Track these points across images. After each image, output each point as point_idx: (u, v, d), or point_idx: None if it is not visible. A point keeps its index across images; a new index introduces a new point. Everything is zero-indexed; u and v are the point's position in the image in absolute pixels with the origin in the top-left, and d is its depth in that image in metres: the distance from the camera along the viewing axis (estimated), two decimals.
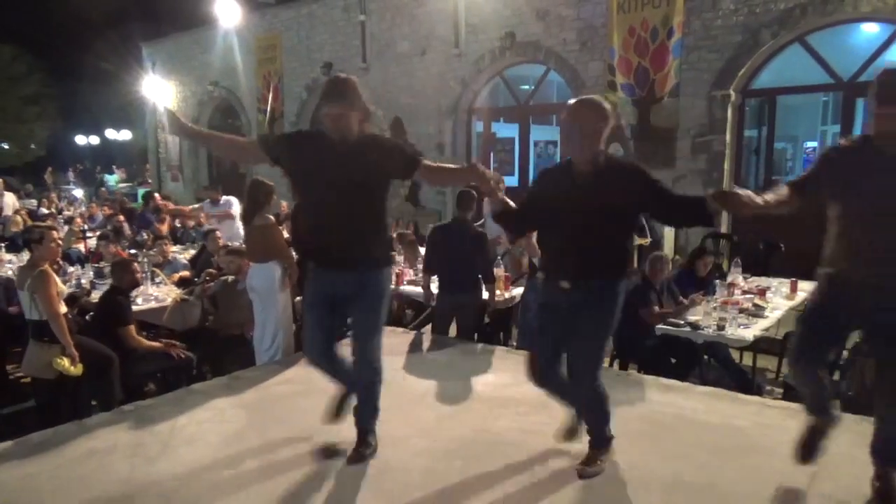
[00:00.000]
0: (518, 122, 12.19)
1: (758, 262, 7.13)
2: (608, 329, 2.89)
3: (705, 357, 5.01)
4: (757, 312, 5.04)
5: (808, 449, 2.79)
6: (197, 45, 17.50)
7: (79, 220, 11.42)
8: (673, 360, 4.92)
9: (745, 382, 4.90)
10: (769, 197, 2.67)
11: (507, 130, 12.67)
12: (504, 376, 4.32)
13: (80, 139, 34.24)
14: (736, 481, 2.94)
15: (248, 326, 5.24)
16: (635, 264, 5.92)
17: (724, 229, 8.63)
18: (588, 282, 2.81)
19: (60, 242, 5.00)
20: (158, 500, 2.83)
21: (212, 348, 5.37)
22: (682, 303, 5.22)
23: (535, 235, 5.36)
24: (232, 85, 16.53)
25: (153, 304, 5.69)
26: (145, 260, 6.72)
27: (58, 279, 4.55)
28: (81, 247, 8.83)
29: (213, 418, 3.73)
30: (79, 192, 17.37)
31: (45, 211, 13.50)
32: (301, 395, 3.97)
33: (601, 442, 3.06)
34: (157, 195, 12.07)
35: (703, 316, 4.81)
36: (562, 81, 10.97)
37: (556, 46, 10.48)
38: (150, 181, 20.27)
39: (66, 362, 4.26)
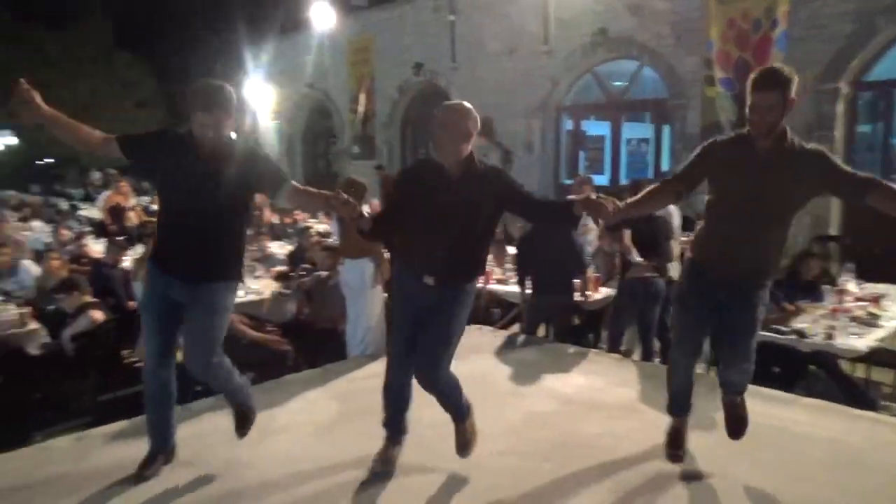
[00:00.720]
0: (609, 119, 11.91)
1: (874, 268, 6.63)
2: (459, 327, 2.95)
3: (812, 367, 4.72)
4: (871, 321, 4.71)
5: None
6: (294, 49, 18.16)
7: None
8: (776, 370, 4.67)
9: (857, 396, 4.58)
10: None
11: (597, 128, 12.41)
12: (595, 379, 4.24)
13: None
14: (838, 501, 2.76)
15: (340, 320, 5.39)
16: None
17: (832, 231, 8.11)
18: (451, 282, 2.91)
19: None
20: (257, 484, 2.96)
21: (306, 340, 5.57)
22: (785, 309, 4.94)
23: (628, 235, 5.26)
24: (326, 87, 17.06)
25: (253, 297, 5.97)
26: (246, 255, 7.04)
27: None
28: None
29: (306, 408, 3.87)
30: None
31: (155, 207, 14.41)
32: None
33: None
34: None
35: (809, 323, 4.54)
36: (656, 77, 10.64)
37: (650, 41, 10.17)
38: None
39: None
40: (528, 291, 5.43)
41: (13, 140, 31.86)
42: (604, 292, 5.88)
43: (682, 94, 9.94)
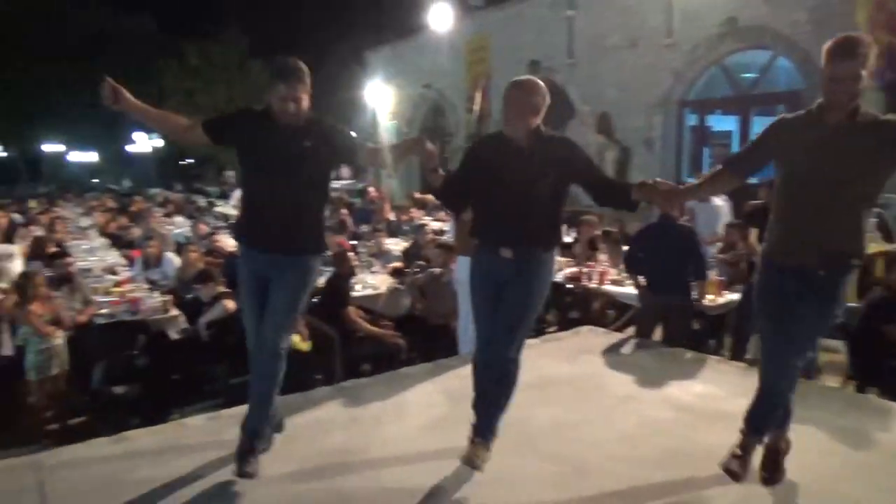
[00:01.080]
0: (738, 113, 11.25)
1: None
2: (535, 302, 2.95)
3: None
4: None
5: None
6: (412, 51, 18.59)
7: None
8: None
9: None
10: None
11: (723, 123, 11.77)
12: (715, 388, 4.02)
13: None
14: None
15: (452, 317, 5.47)
16: (878, 273, 5.17)
17: None
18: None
19: None
20: (369, 472, 3.06)
21: (419, 336, 5.70)
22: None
23: (754, 234, 4.94)
24: (443, 87, 17.33)
25: (369, 292, 6.18)
26: (364, 250, 7.32)
27: None
28: None
29: (419, 401, 3.95)
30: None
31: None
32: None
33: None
34: (370, 189, 13.10)
35: None
36: (791, 67, 9.92)
37: (784, 29, 9.50)
38: (370, 178, 21.96)
39: (297, 338, 4.80)
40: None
41: (160, 143, 34.88)
42: (728, 297, 5.57)
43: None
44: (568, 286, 6.69)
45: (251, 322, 3.03)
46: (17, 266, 7.29)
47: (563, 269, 6.96)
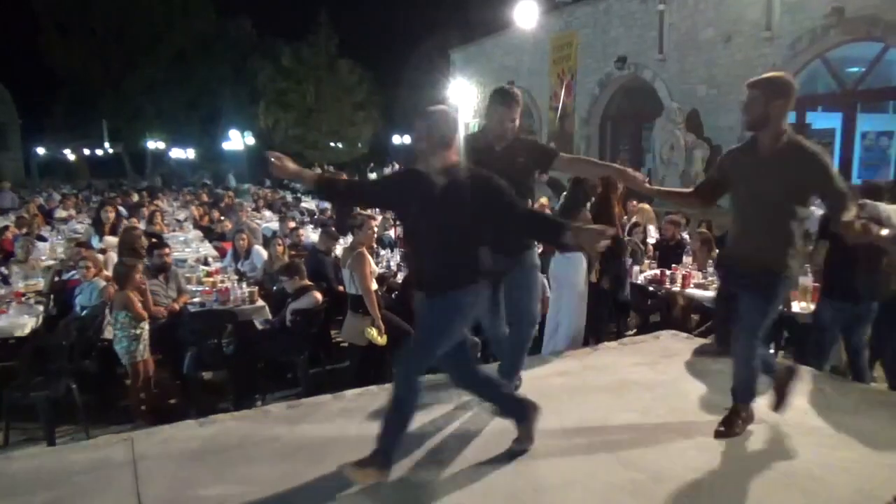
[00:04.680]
0: (842, 110, 10.57)
1: None
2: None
3: None
4: None
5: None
6: (497, 49, 18.55)
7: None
8: None
9: None
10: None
11: (825, 120, 11.08)
12: (802, 399, 3.79)
13: (396, 139, 38.81)
14: None
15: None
16: None
17: None
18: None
19: (376, 229, 5.74)
20: (440, 467, 3.07)
21: None
22: None
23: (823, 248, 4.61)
24: (527, 84, 17.20)
25: None
26: None
27: (372, 260, 5.23)
28: (392, 233, 10.01)
29: None
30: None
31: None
32: (576, 390, 3.98)
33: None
34: None
35: None
36: None
37: None
38: None
39: (374, 332, 4.89)
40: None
41: (252, 140, 36.42)
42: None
43: None
44: (649, 289, 6.50)
45: None
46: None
47: (644, 272, 6.76)
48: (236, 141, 38.17)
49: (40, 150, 45.16)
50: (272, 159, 2.96)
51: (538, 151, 3.60)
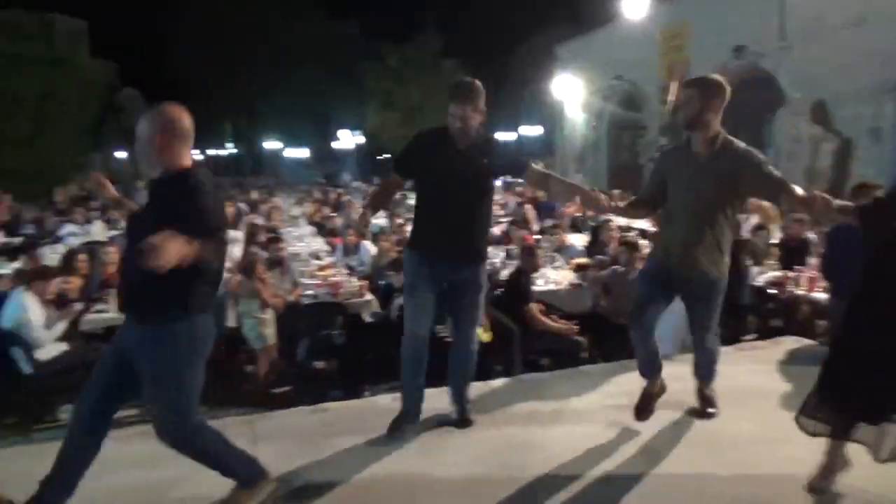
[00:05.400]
0: None
1: None
2: None
3: None
4: None
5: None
6: (604, 41, 18.09)
7: (496, 206, 12.96)
8: None
9: None
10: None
11: None
12: None
13: (500, 136, 38.84)
14: None
15: None
16: None
17: None
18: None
19: None
20: (546, 466, 3.06)
21: (601, 334, 5.56)
22: None
23: None
24: (636, 78, 16.68)
25: (551, 287, 6.15)
26: (547, 245, 7.29)
27: None
28: (497, 230, 10.02)
29: (600, 401, 3.86)
30: (497, 182, 19.74)
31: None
32: (688, 395, 3.83)
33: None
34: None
35: None
36: None
37: None
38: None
39: (480, 329, 4.91)
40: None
41: (361, 139, 37.58)
42: None
43: None
44: (770, 292, 6.13)
45: None
46: (239, 250, 8.29)
47: (765, 273, 6.39)
48: (347, 140, 39.56)
49: None
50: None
51: (507, 159, 3.45)
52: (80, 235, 10.57)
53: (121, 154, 41.48)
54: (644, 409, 3.40)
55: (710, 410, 3.55)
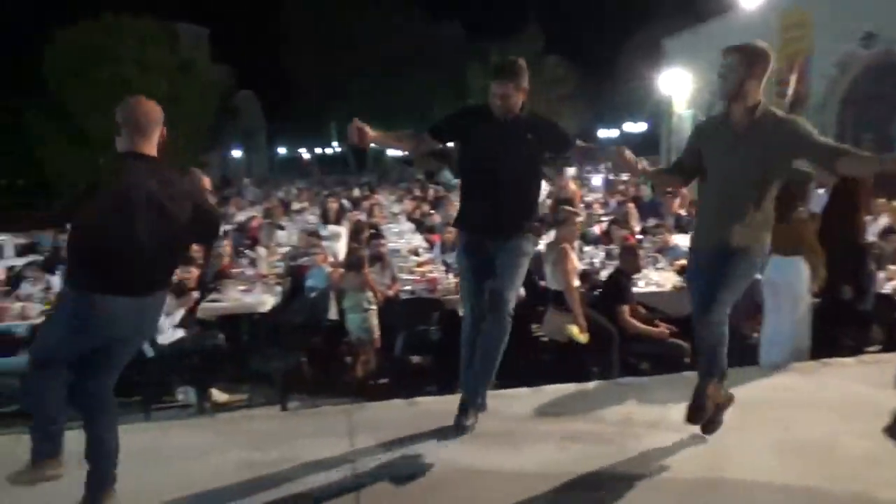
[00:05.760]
0: None
1: None
2: None
3: None
4: None
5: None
6: (716, 33, 17.23)
7: (596, 205, 12.68)
8: None
9: None
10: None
11: None
12: None
13: (602, 132, 37.95)
14: None
15: (748, 322, 4.99)
16: None
17: None
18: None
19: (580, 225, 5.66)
20: (639, 472, 2.96)
21: None
22: None
23: None
24: None
25: (653, 289, 5.94)
26: (649, 245, 7.05)
27: (574, 257, 5.17)
28: (597, 229, 9.80)
29: None
30: (598, 181, 19.33)
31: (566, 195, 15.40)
32: (800, 407, 3.59)
33: None
34: (565, 183, 12.50)
35: None
36: None
37: None
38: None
39: (575, 330, 4.83)
40: None
41: None
42: None
43: None
44: None
45: None
46: (342, 245, 8.58)
47: (893, 280, 5.88)
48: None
49: (281, 150, 51.21)
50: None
51: (554, 134, 3.38)
52: None
53: (236, 153, 44.09)
54: (697, 409, 3.00)
55: (698, 414, 3.01)
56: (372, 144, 3.45)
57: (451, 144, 3.56)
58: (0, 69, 29.03)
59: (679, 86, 18.81)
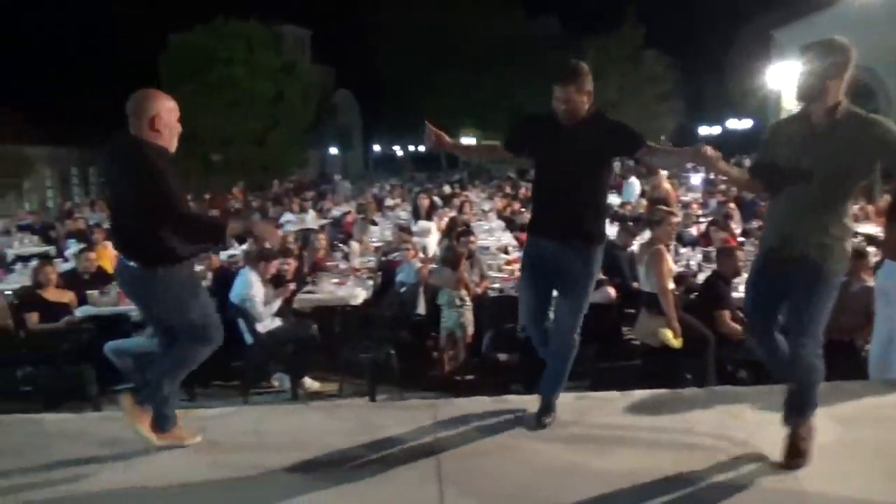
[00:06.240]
0: None
1: None
2: None
3: None
4: None
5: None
6: (833, 23, 16.14)
7: (695, 205, 12.19)
8: None
9: None
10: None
11: None
12: None
13: (703, 130, 36.41)
14: None
15: (859, 334, 4.65)
16: None
17: None
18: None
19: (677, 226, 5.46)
20: (724, 485, 2.82)
21: None
22: None
23: None
24: (870, 62, 14.68)
25: None
26: (752, 248, 6.71)
27: (669, 258, 4.99)
28: (694, 230, 9.42)
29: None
30: (697, 180, 18.60)
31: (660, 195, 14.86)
32: None
33: None
34: (658, 182, 11.85)
35: None
36: None
37: None
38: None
39: (669, 334, 4.67)
40: None
41: None
42: None
43: None
44: None
45: None
46: (432, 241, 8.69)
47: None
48: None
49: (376, 148, 52.49)
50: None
51: (621, 136, 3.18)
52: (295, 223, 11.79)
53: (333, 150, 45.56)
54: (796, 456, 2.90)
55: (796, 461, 2.89)
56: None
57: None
58: (121, 71, 31.35)
59: (790, 80, 17.77)
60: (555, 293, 3.39)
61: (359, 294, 6.38)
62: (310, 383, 5.61)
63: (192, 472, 3.00)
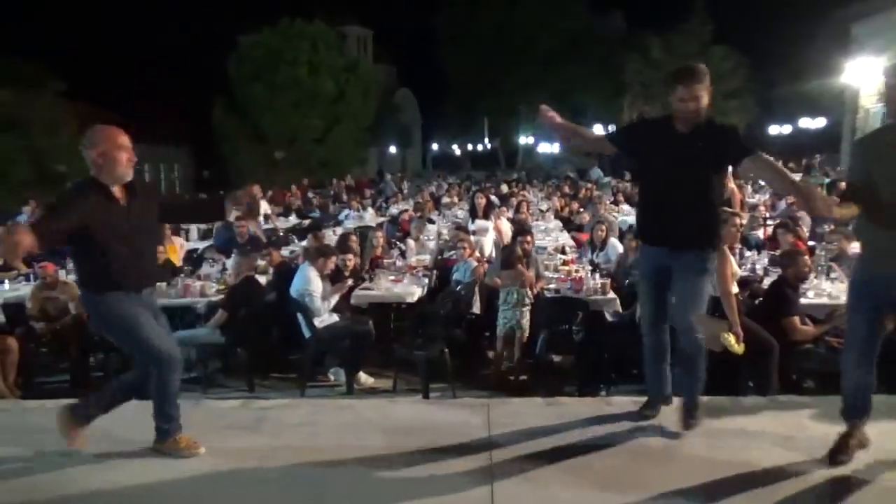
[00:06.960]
0: None
1: None
2: None
3: None
4: None
5: None
6: None
7: (762, 207, 11.77)
8: None
9: None
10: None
11: None
12: None
13: (774, 129, 35.03)
14: None
15: None
16: None
17: None
18: None
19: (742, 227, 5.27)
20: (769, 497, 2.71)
21: (888, 360, 4.74)
22: None
23: None
24: None
25: (824, 301, 5.39)
26: (822, 252, 6.43)
27: (733, 260, 4.84)
28: (761, 233, 9.09)
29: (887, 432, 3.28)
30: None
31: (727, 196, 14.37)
32: None
33: None
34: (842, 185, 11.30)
35: None
36: None
37: None
38: (834, 171, 19.09)
39: (732, 339, 4.50)
40: None
41: None
42: None
43: None
44: None
45: None
46: (489, 239, 8.68)
47: None
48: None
49: (434, 146, 52.77)
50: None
51: (728, 139, 3.10)
52: (354, 220, 11.98)
53: (392, 149, 46.04)
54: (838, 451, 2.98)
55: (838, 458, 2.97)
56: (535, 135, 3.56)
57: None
58: (195, 70, 32.53)
59: (869, 77, 16.90)
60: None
61: (414, 291, 6.43)
62: (365, 378, 5.69)
63: (247, 459, 3.10)
